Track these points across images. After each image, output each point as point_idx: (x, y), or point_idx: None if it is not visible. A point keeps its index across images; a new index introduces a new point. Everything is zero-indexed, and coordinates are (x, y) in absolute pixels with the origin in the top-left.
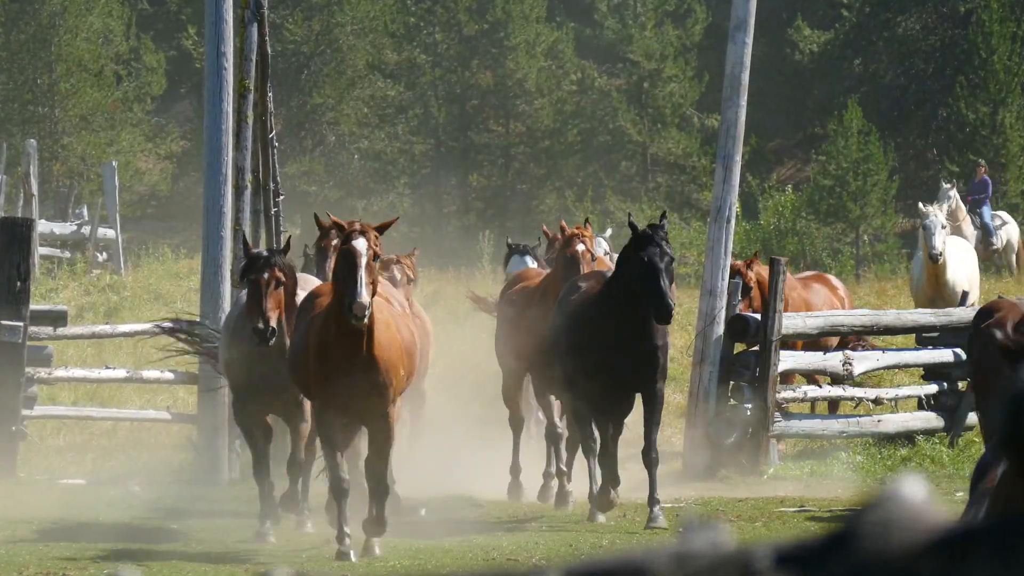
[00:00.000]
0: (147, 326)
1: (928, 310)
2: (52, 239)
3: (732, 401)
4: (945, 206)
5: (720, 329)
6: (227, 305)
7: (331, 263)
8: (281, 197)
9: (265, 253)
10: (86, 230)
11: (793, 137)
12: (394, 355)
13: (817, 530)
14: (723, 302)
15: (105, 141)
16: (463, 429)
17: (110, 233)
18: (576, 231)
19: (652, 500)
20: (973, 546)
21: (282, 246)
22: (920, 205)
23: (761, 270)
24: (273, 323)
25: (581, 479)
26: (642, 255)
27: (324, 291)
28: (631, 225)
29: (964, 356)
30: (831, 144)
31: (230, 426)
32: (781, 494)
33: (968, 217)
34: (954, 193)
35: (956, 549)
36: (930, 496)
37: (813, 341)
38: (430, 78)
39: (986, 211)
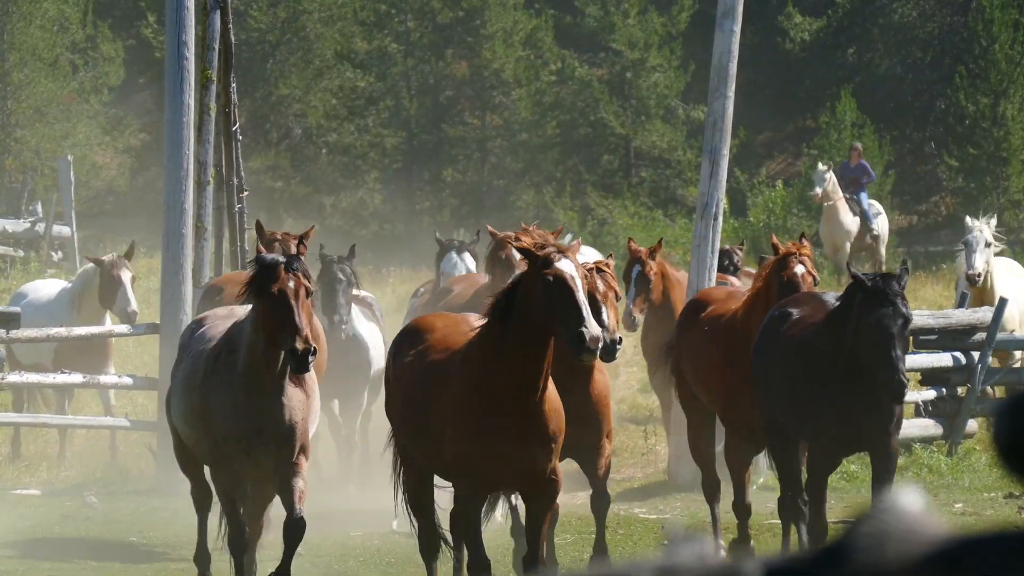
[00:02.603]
0: (104, 329)
1: (925, 311)
2: (5, 237)
3: None
4: (819, 188)
5: None
6: (189, 308)
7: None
8: (245, 193)
9: (282, 258)
10: (40, 227)
11: (783, 130)
12: (558, 403)
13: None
14: None
15: (60, 134)
16: None
17: (65, 231)
18: (792, 248)
19: None
20: (970, 560)
21: (295, 247)
22: (967, 219)
23: (664, 261)
24: (312, 342)
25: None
26: (869, 319)
27: (430, 326)
28: (854, 277)
29: (963, 360)
30: (823, 137)
31: None
32: (771, 505)
33: (846, 202)
34: (830, 175)
35: (953, 563)
36: (928, 507)
37: None
38: (402, 68)
39: (863, 197)
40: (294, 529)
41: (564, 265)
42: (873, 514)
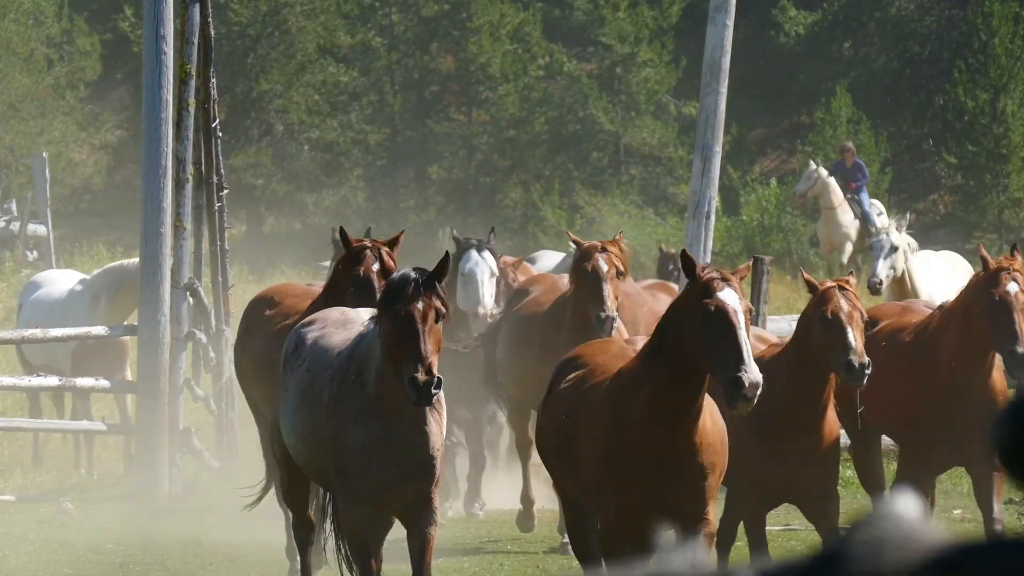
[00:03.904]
0: (81, 331)
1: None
2: None
3: None
4: (805, 186)
5: None
6: (167, 308)
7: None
8: (225, 191)
9: (413, 274)
10: (15, 226)
11: (777, 126)
12: (717, 438)
13: (804, 550)
14: None
15: (35, 130)
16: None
17: (41, 229)
18: (1004, 262)
19: None
20: (970, 566)
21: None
22: (875, 219)
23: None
24: (437, 371)
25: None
26: None
27: (591, 353)
28: None
29: None
30: (818, 134)
31: (170, 437)
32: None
33: (845, 203)
34: (819, 175)
35: (952, 569)
36: (925, 513)
37: None
38: (386, 62)
39: (864, 198)
40: None
41: (727, 296)
42: (869, 520)
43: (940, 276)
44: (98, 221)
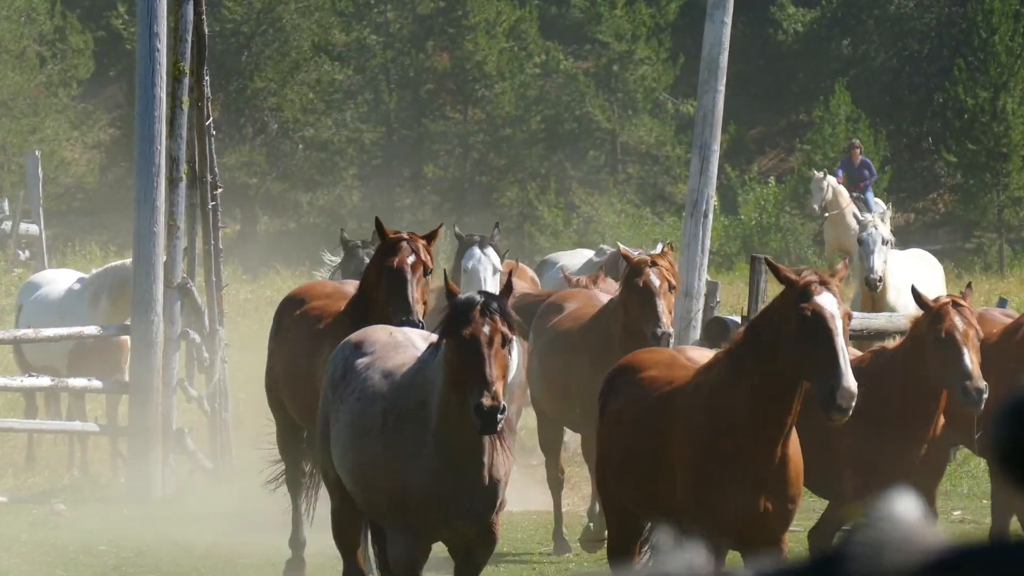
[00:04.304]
0: (73, 331)
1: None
2: None
3: None
4: (817, 203)
5: (696, 333)
6: (160, 308)
7: (414, 289)
8: (219, 190)
9: (479, 297)
10: (7, 225)
11: (776, 124)
12: (802, 466)
13: (803, 552)
14: (699, 304)
15: (27, 128)
16: None
17: (33, 228)
18: None
19: None
20: (969, 568)
21: (502, 286)
22: (855, 213)
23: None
24: (504, 398)
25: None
26: None
27: (643, 363)
28: None
29: None
30: (817, 132)
31: (163, 438)
32: None
33: (852, 204)
34: (827, 184)
35: (952, 571)
36: (924, 515)
37: None
38: (381, 61)
39: (870, 197)
40: None
41: (824, 300)
42: (869, 522)
43: (903, 268)
44: (91, 220)
